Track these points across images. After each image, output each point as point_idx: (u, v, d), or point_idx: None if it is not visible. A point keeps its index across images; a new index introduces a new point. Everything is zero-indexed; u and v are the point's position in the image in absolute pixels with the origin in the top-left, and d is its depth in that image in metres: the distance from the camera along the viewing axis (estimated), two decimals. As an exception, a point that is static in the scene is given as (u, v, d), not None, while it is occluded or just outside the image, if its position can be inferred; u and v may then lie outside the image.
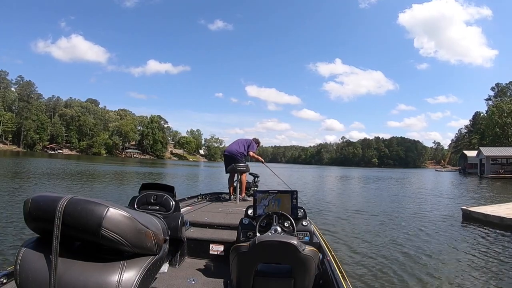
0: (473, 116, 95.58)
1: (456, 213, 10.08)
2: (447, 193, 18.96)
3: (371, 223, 8.56)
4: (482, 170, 42.84)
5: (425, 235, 7.25)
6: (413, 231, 7.56)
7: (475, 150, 50.33)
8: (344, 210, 10.76)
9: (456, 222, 8.87)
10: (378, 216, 9.59)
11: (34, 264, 1.14)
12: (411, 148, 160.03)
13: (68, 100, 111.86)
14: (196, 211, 4.32)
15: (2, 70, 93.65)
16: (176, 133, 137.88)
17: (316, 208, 10.53)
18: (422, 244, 6.38)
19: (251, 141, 6.32)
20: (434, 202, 13.80)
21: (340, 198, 15.28)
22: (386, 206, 12.01)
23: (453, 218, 9.45)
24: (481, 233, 7.41)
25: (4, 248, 4.99)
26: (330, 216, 9.43)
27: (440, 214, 10.15)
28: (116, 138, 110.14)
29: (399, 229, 7.81)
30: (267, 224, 2.39)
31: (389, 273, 4.68)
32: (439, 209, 11.49)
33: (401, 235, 7.13)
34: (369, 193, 18.00)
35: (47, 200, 1.17)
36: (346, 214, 9.84)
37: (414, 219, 9.29)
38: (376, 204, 12.65)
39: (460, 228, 8.17)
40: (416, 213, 10.41)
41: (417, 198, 15.41)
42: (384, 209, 11.02)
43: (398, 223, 8.66)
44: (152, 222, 1.43)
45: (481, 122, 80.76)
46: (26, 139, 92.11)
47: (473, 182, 30.08)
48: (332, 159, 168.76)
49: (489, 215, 8.54)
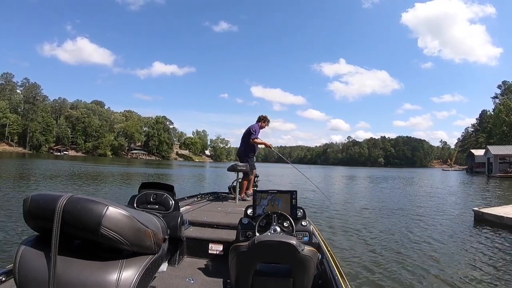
0: (479, 114, 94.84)
1: (467, 214, 9.62)
2: (455, 193, 18.52)
3: (374, 224, 8.37)
4: (490, 169, 42.37)
5: (431, 237, 6.92)
6: (418, 233, 7.26)
7: (482, 149, 49.78)
8: (347, 210, 10.68)
9: (467, 224, 8.39)
10: (382, 217, 9.40)
11: (33, 262, 1.13)
12: (417, 148, 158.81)
13: (74, 102, 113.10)
14: (196, 211, 4.32)
15: (8, 73, 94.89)
16: (182, 134, 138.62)
17: (318, 208, 10.49)
18: (428, 246, 6.13)
19: (252, 127, 5.93)
20: (442, 202, 13.36)
21: (344, 197, 15.16)
22: (391, 206, 11.76)
23: (464, 219, 9.02)
24: (495, 237, 6.93)
25: (3, 246, 5.02)
26: (332, 216, 9.37)
27: (449, 216, 9.72)
28: (121, 139, 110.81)
29: (403, 231, 7.56)
30: (266, 224, 2.39)
31: (390, 275, 4.63)
32: (447, 210, 11.07)
33: (405, 237, 6.94)
34: (374, 193, 17.68)
35: (47, 199, 1.17)
36: (348, 215, 9.74)
37: (420, 220, 8.94)
38: (381, 204, 12.39)
39: (472, 231, 7.67)
40: (422, 214, 10.04)
41: (424, 198, 15.02)
42: (389, 210, 10.81)
43: (403, 224, 8.38)
44: (151, 221, 1.43)
45: (488, 121, 79.98)
46: (32, 140, 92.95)
47: (481, 182, 29.66)
48: (338, 159, 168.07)
49: (504, 217, 7.99)
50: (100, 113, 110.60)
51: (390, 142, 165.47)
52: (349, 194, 17.53)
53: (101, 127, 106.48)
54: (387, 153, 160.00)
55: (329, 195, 15.51)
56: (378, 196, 15.86)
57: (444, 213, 10.44)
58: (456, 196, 16.65)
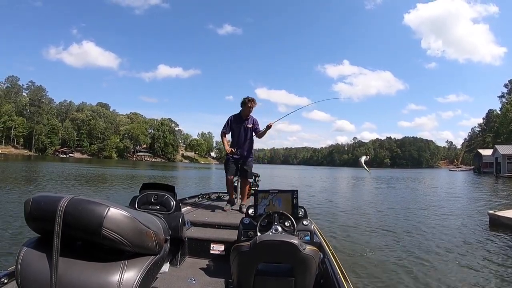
0: (486, 114, 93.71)
1: (481, 217, 9.09)
2: (465, 194, 17.97)
3: (377, 224, 8.24)
4: (498, 169, 41.82)
5: (440, 238, 6.64)
6: (426, 235, 7.02)
7: (490, 148, 49.20)
8: (349, 210, 10.64)
9: (482, 228, 7.82)
10: (386, 218, 9.26)
11: (35, 264, 1.13)
12: (423, 148, 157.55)
13: (79, 105, 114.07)
14: (197, 211, 4.32)
15: (13, 76, 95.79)
16: (187, 136, 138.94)
17: (321, 208, 10.47)
18: (438, 249, 5.90)
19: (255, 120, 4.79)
20: (452, 203, 12.85)
21: (347, 198, 15.12)
22: (397, 207, 11.58)
23: (478, 222, 8.48)
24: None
25: (6, 248, 5.03)
26: (334, 215, 9.36)
27: (460, 217, 9.24)
28: (127, 142, 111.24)
29: (409, 232, 7.36)
30: (267, 223, 2.39)
31: (393, 275, 4.58)
32: (456, 211, 10.60)
33: (411, 238, 6.81)
34: (380, 194, 17.36)
35: (48, 200, 1.17)
36: (351, 214, 9.69)
37: (429, 222, 8.61)
38: (386, 205, 12.21)
39: (487, 235, 7.08)
40: (431, 215, 9.70)
41: (432, 199, 14.55)
42: (394, 211, 10.65)
43: (409, 225, 8.16)
44: (153, 222, 1.44)
45: (495, 120, 79.07)
46: (37, 143, 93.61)
47: (490, 182, 29.24)
48: (344, 160, 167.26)
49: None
50: (106, 115, 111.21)
51: (396, 143, 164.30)
52: (353, 195, 17.49)
53: (106, 129, 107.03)
54: (393, 154, 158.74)
55: (331, 195, 15.47)
56: (383, 197, 15.66)
57: (453, 213, 10.12)
58: (466, 197, 16.08)
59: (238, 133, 4.67)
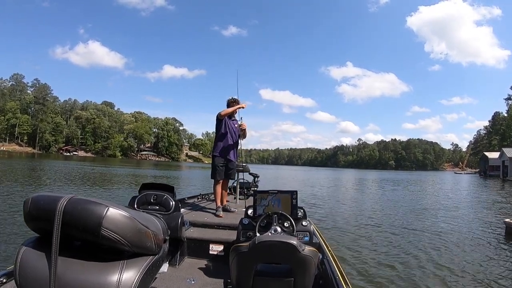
0: (492, 116, 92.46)
1: (495, 225, 8.59)
2: (473, 198, 17.44)
3: (377, 226, 8.19)
4: (505, 172, 41.39)
5: (448, 248, 6.28)
6: (432, 241, 6.71)
7: (496, 151, 48.71)
8: (350, 211, 10.64)
9: (498, 237, 7.25)
10: (388, 220, 9.13)
11: (34, 263, 1.12)
12: (428, 150, 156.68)
13: (84, 103, 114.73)
14: (196, 211, 4.33)
15: (18, 73, 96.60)
16: (192, 136, 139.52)
17: (321, 208, 10.47)
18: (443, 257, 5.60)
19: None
20: (462, 209, 12.02)
21: (347, 199, 15.08)
22: (401, 210, 11.37)
23: (492, 231, 7.91)
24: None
25: (4, 248, 5.05)
26: (334, 216, 9.35)
27: (473, 227, 8.58)
28: (131, 141, 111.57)
29: (411, 234, 7.32)
30: (267, 224, 2.40)
31: (392, 276, 4.56)
32: (466, 218, 9.95)
33: (413, 240, 6.76)
34: (384, 197, 17.00)
35: (47, 200, 1.17)
36: (351, 215, 9.68)
37: (435, 227, 8.20)
38: (389, 208, 11.95)
39: (504, 245, 6.58)
40: (438, 221, 9.26)
41: (440, 203, 14.11)
42: (397, 214, 10.41)
43: (415, 229, 7.87)
44: (152, 222, 1.41)
45: (501, 123, 78.24)
46: (41, 141, 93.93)
47: (497, 186, 28.79)
48: (348, 161, 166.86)
49: None
50: (110, 114, 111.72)
51: (401, 145, 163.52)
52: (355, 196, 17.42)
53: (110, 128, 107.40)
54: (398, 156, 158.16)
55: (333, 197, 15.41)
56: (386, 199, 15.51)
57: (464, 220, 9.63)
58: (475, 202, 15.31)
59: (228, 132, 4.63)
